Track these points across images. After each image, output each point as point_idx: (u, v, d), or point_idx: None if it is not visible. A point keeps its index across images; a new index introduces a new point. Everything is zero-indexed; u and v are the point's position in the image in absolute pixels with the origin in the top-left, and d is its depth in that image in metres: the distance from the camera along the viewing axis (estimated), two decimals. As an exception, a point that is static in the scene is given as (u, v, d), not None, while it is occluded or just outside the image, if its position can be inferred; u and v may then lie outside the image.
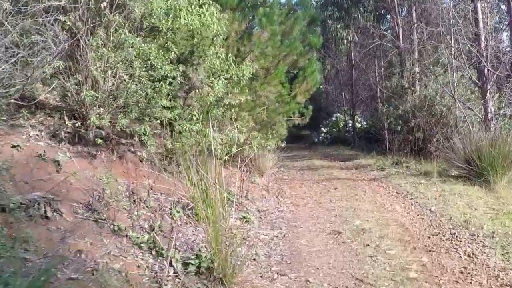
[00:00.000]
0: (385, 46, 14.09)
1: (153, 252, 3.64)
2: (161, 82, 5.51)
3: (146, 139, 5.07)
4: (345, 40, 14.24)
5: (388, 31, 14.80)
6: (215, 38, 6.49)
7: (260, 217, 5.90)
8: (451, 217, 5.37)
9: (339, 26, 13.85)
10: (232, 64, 6.63)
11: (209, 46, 6.26)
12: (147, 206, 4.58)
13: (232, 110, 6.94)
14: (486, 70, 9.26)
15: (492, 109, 9.23)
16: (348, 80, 18.79)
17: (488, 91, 9.19)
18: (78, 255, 3.05)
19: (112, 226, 3.72)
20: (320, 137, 21.16)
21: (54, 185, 3.70)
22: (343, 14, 13.62)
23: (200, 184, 3.80)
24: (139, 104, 5.18)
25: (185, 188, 4.20)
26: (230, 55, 6.71)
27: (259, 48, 7.88)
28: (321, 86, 23.79)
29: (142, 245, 3.66)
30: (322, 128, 21.23)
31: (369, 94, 17.47)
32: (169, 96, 5.78)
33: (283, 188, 8.17)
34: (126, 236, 3.69)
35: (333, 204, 6.60)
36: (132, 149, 5.62)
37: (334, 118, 21.16)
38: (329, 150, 17.09)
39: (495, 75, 9.24)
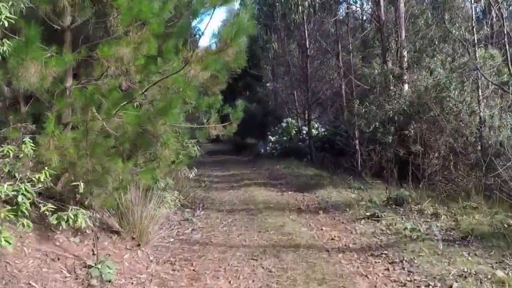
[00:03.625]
0: (357, 21, 9.89)
1: None
2: None
3: None
4: (300, 8, 9.81)
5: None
6: None
7: None
8: None
9: (291, -13, 9.48)
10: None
11: None
12: None
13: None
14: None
15: None
16: (303, 74, 14.44)
17: None
18: None
19: None
20: (268, 148, 16.65)
21: None
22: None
23: None
24: None
25: None
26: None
27: None
28: (268, 84, 19.48)
29: None
30: (270, 137, 16.75)
31: (330, 91, 13.20)
32: None
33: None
34: None
35: None
36: None
37: (284, 124, 16.74)
38: (279, 166, 12.61)
39: None
